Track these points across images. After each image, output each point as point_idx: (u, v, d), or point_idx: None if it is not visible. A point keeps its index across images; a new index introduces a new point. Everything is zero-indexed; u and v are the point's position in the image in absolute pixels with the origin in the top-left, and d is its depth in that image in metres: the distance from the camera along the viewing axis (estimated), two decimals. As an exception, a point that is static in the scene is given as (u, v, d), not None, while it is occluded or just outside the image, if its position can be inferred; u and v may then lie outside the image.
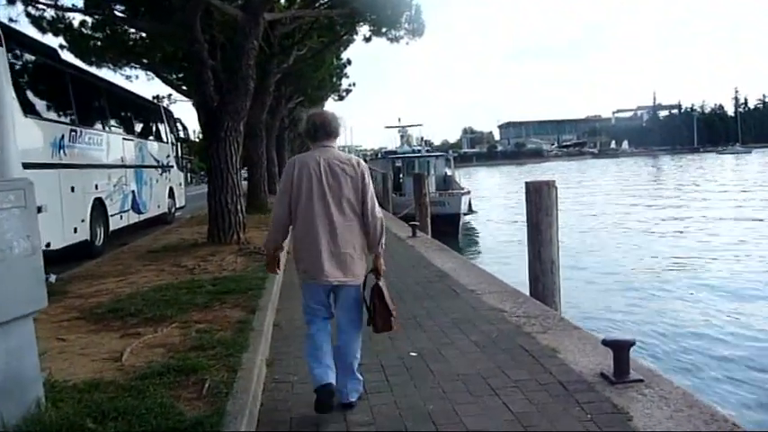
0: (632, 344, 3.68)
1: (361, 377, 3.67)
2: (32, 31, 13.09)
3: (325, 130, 3.62)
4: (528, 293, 6.44)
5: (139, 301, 5.92)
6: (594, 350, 4.23)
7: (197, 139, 37.27)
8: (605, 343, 3.77)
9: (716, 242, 17.57)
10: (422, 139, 44.78)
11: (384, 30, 13.37)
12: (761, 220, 21.17)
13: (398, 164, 29.19)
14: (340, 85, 28.79)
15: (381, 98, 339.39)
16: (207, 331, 4.85)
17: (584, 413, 3.27)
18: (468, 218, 24.42)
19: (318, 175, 3.49)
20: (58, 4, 12.54)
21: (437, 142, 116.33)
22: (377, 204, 3.61)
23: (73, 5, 13.15)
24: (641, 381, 3.62)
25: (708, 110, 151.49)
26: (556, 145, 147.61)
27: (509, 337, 4.70)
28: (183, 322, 5.21)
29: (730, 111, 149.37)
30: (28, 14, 12.82)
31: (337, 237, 3.47)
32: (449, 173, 29.37)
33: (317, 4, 14.93)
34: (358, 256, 3.54)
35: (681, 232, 20.18)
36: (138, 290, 6.67)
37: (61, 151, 9.70)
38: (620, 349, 3.67)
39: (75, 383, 3.72)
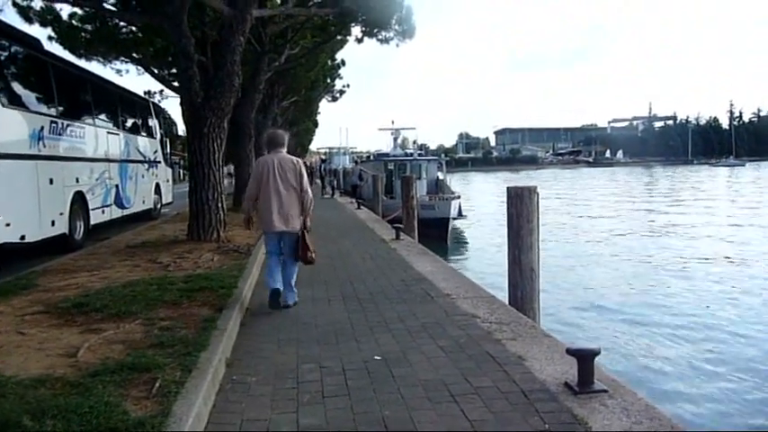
0: (596, 353, 3.59)
1: (295, 290, 6.03)
2: (19, 22, 12.98)
3: (276, 142, 6.10)
4: (507, 299, 6.36)
5: (107, 297, 5.80)
6: (562, 359, 4.13)
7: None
8: (569, 352, 3.69)
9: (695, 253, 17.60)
10: (414, 142, 44.74)
11: (375, 30, 13.28)
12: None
13: (390, 166, 29.13)
14: (334, 86, 28.73)
15: (378, 101, 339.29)
16: (169, 329, 4.74)
17: (543, 423, 3.18)
18: (457, 222, 24.34)
19: (273, 169, 5.87)
20: (46, -6, 12.38)
21: (433, 147, 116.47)
22: (308, 186, 6.00)
23: (61, -4, 12.97)
24: (605, 391, 3.53)
25: (703, 122, 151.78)
26: (551, 152, 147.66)
27: (477, 343, 4.61)
28: (147, 319, 5.09)
29: (725, 123, 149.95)
30: (15, 4, 12.70)
31: (283, 204, 5.82)
32: (440, 177, 29.34)
33: (309, 3, 14.84)
34: (296, 216, 5.89)
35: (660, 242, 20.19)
36: (109, 285, 6.54)
37: (40, 143, 9.55)
38: (584, 359, 3.58)
39: (23, 379, 3.61)
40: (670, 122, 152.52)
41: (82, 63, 14.55)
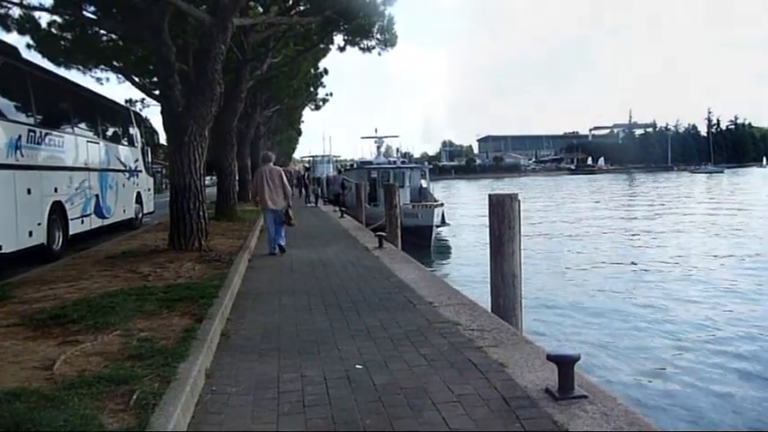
0: (576, 359, 3.61)
1: (284, 241, 10.53)
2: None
3: (267, 159, 10.88)
4: (489, 306, 6.37)
5: (84, 308, 5.70)
6: (543, 365, 4.14)
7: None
8: (549, 358, 3.70)
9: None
10: (398, 150, 44.90)
11: (357, 39, 13.32)
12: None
13: (374, 175, 29.14)
14: (317, 94, 28.73)
15: (361, 110, 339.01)
16: (148, 339, 4.68)
17: (523, 429, 3.19)
18: (441, 230, 24.38)
19: (266, 175, 10.26)
20: (25, 2, 12.19)
21: (417, 154, 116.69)
22: (287, 185, 10.58)
23: (40, 4, 12.79)
24: (585, 397, 3.55)
25: (682, 129, 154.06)
26: (534, 160, 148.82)
27: (459, 350, 4.61)
28: (125, 330, 5.02)
29: (703, 131, 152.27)
30: (-8, 12, 12.51)
31: (272, 193, 10.23)
32: (424, 185, 29.41)
33: (291, 12, 14.84)
34: (280, 200, 10.31)
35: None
36: (87, 296, 6.44)
37: (17, 152, 9.41)
38: (565, 365, 3.59)
39: (-4, 393, 3.53)
40: (650, 130, 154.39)
41: (61, 71, 14.41)
